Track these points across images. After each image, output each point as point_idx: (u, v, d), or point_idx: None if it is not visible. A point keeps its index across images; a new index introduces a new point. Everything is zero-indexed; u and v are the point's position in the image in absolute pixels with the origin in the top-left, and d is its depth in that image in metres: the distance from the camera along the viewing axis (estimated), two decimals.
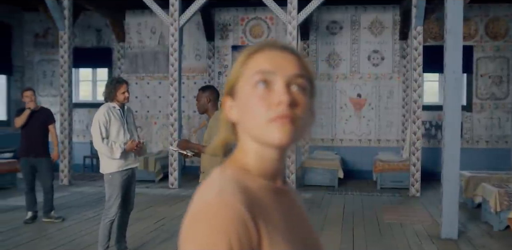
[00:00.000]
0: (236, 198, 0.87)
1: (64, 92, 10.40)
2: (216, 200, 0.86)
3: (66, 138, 10.36)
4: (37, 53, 13.01)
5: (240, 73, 0.98)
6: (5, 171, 9.77)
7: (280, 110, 0.92)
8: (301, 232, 1.01)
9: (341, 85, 11.83)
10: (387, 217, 7.45)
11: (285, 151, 0.99)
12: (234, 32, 12.22)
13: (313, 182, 10.38)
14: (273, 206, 0.94)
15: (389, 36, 11.66)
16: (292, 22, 9.39)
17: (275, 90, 0.94)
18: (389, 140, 11.67)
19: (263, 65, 0.96)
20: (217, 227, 0.82)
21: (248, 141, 0.99)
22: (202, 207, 0.86)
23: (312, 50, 11.96)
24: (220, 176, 0.95)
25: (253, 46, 1.01)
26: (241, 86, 0.98)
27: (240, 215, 0.84)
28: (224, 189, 0.89)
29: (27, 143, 6.82)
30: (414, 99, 9.33)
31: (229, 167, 0.99)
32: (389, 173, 10.07)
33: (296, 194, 1.13)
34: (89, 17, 12.60)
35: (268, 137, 0.93)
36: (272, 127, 0.92)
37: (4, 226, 6.71)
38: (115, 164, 4.82)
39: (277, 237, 0.89)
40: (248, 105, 0.95)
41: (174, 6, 9.62)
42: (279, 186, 1.01)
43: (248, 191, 0.91)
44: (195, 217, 0.86)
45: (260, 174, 0.98)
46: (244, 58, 0.99)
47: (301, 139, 0.98)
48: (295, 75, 0.96)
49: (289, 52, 0.99)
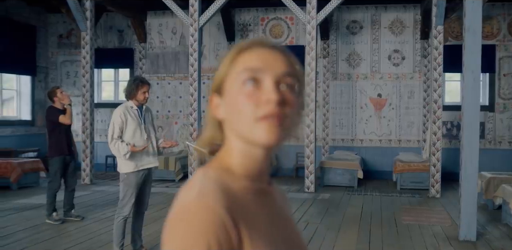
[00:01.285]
0: (216, 200, 0.85)
1: (86, 93, 10.55)
2: (195, 202, 0.85)
3: (88, 138, 10.50)
4: (60, 54, 13.22)
5: (229, 70, 0.96)
6: (29, 170, 9.94)
7: (268, 109, 0.90)
8: (284, 233, 1.00)
9: (361, 85, 11.77)
10: (405, 218, 7.39)
11: (271, 150, 0.98)
12: (254, 32, 12.24)
13: (332, 182, 10.35)
14: (255, 208, 0.93)
15: (410, 35, 11.56)
16: (311, 22, 9.38)
17: (264, 88, 0.92)
18: (410, 140, 11.57)
19: (252, 63, 0.94)
20: (196, 230, 0.82)
21: (234, 140, 0.97)
22: (181, 210, 0.86)
23: (332, 50, 11.93)
24: (201, 177, 0.94)
25: (242, 43, 0.99)
26: (229, 84, 0.95)
27: (220, 217, 0.83)
28: (204, 190, 0.88)
29: (61, 141, 6.88)
30: (434, 99, 9.24)
31: (212, 167, 0.97)
32: (409, 174, 9.98)
33: (282, 195, 1.12)
34: (111, 18, 12.77)
35: (255, 136, 0.92)
36: (260, 126, 0.91)
37: (26, 224, 6.84)
38: (131, 164, 4.87)
39: (258, 239, 0.88)
40: (236, 103, 0.93)
41: (194, 7, 9.67)
42: (263, 186, 1.00)
43: (229, 192, 0.90)
44: (175, 220, 0.85)
45: (244, 174, 0.96)
46: (233, 55, 0.97)
47: (288, 139, 0.97)
48: (284, 73, 0.94)
49: (278, 51, 0.97)
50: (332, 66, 11.94)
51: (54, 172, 6.89)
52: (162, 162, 10.38)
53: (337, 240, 6.16)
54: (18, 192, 9.42)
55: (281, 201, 1.08)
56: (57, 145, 6.89)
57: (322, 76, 11.90)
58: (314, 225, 6.89)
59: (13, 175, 9.55)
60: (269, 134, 0.91)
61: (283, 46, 1.00)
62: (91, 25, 10.55)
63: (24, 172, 9.74)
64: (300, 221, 7.16)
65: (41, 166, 10.12)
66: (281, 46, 1.00)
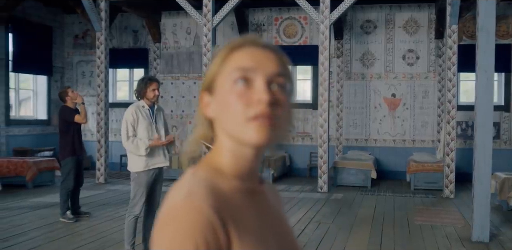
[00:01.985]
0: (203, 200, 0.85)
1: (100, 92, 10.64)
2: (183, 203, 0.85)
3: (103, 137, 10.59)
4: (76, 54, 13.34)
5: (220, 69, 0.95)
6: (44, 169, 10.05)
7: (259, 109, 0.90)
8: (276, 233, 0.99)
9: (375, 85, 11.72)
10: (418, 219, 7.35)
11: (262, 150, 0.97)
12: (268, 32, 12.25)
13: (345, 182, 10.33)
14: (245, 208, 0.93)
15: (424, 35, 11.48)
16: (324, 22, 9.36)
17: (255, 88, 0.91)
18: (424, 141, 11.50)
19: (244, 62, 0.93)
20: (184, 231, 0.82)
21: (224, 139, 0.96)
22: (170, 210, 0.86)
23: (346, 49, 11.89)
24: (191, 177, 0.93)
25: (234, 42, 0.98)
26: (220, 83, 0.95)
27: (208, 218, 0.83)
28: (193, 191, 0.88)
29: (74, 141, 6.95)
30: (448, 99, 9.17)
31: (202, 166, 0.97)
32: (423, 174, 9.92)
33: (275, 194, 1.12)
34: (126, 18, 12.86)
35: (245, 136, 0.91)
36: (251, 126, 0.90)
37: (41, 222, 6.93)
38: (142, 163, 4.90)
39: (248, 239, 0.88)
40: (226, 102, 0.92)
41: (207, 7, 9.71)
42: (254, 186, 0.99)
43: (218, 192, 0.90)
44: (163, 220, 0.86)
45: (234, 173, 0.96)
46: (225, 54, 0.96)
47: (279, 139, 0.96)
48: (276, 73, 0.93)
49: (270, 50, 0.97)
50: (346, 66, 11.90)
51: (67, 172, 6.94)
52: (176, 161, 10.43)
53: (348, 240, 6.15)
54: (34, 190, 9.53)
55: (274, 200, 1.08)
56: (71, 145, 6.93)
57: (336, 76, 11.87)
58: (326, 225, 6.88)
59: (29, 173, 9.66)
60: (260, 134, 0.90)
61: (275, 46, 0.99)
62: (106, 26, 10.64)
63: (39, 170, 9.85)
64: (312, 221, 7.15)
65: (56, 165, 10.23)
66: (273, 45, 0.99)
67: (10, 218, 7.18)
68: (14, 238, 6.01)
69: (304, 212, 7.80)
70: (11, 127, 11.69)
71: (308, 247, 5.82)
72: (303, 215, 7.53)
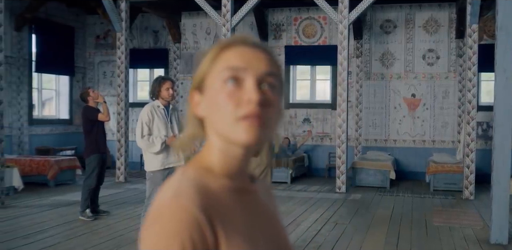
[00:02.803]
0: (191, 200, 0.85)
1: (120, 92, 10.76)
2: (170, 202, 0.85)
3: (123, 136, 10.71)
4: (97, 55, 13.51)
5: (210, 68, 0.95)
6: (66, 168, 10.20)
7: (249, 109, 0.89)
8: (267, 232, 0.99)
9: (395, 85, 11.64)
10: (436, 220, 7.28)
11: (251, 150, 0.97)
12: (287, 32, 12.25)
13: (364, 182, 10.28)
14: (234, 207, 0.93)
15: (444, 34, 11.37)
16: (343, 22, 9.34)
17: (245, 88, 0.91)
18: (444, 141, 11.39)
19: (234, 62, 0.93)
20: (170, 230, 0.82)
21: (214, 138, 0.96)
22: (157, 209, 0.86)
23: (366, 49, 11.84)
24: (179, 177, 0.93)
25: (224, 41, 0.97)
26: (210, 82, 0.94)
27: (194, 217, 0.83)
28: (180, 190, 0.87)
29: (99, 140, 7.06)
30: (468, 99, 9.07)
31: (192, 166, 0.97)
32: (442, 175, 9.83)
33: (268, 193, 1.11)
34: (146, 19, 12.98)
35: (234, 136, 0.91)
36: (240, 125, 0.90)
37: (60, 220, 7.04)
38: (157, 162, 4.95)
39: (236, 238, 0.88)
40: (216, 101, 0.92)
41: (226, 7, 9.74)
42: (244, 185, 0.99)
43: (207, 191, 0.89)
44: (150, 220, 0.86)
45: (224, 172, 0.96)
46: (215, 53, 0.96)
47: (268, 138, 0.96)
48: (266, 73, 0.93)
49: (260, 50, 0.96)
50: (365, 66, 11.85)
51: (91, 170, 7.03)
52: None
53: (364, 241, 6.13)
54: (55, 188, 9.69)
55: (267, 199, 1.07)
56: (95, 143, 7.04)
57: (355, 76, 11.82)
58: (343, 226, 6.87)
59: (50, 172, 9.81)
60: (249, 133, 0.90)
61: (265, 45, 0.99)
62: (126, 26, 10.75)
63: (61, 169, 10.00)
64: (328, 221, 7.14)
65: (77, 163, 10.37)
66: (264, 44, 0.99)
67: (31, 215, 7.31)
68: (34, 235, 6.12)
69: (321, 212, 7.79)
70: (34, 126, 11.88)
71: (323, 247, 5.82)
72: (320, 216, 7.53)
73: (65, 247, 5.68)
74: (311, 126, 12.12)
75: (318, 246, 5.84)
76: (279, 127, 0.99)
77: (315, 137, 12.05)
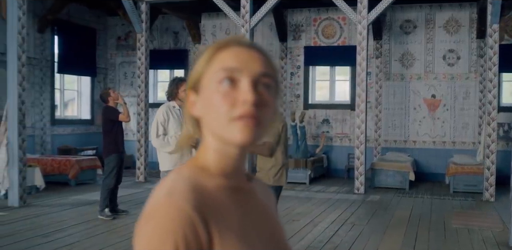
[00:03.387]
0: (184, 198, 0.86)
1: (141, 93, 10.86)
2: (164, 201, 0.86)
3: (143, 137, 10.81)
4: (119, 56, 13.65)
5: (205, 69, 0.96)
6: (86, 167, 10.34)
7: (244, 109, 0.90)
8: (263, 232, 0.99)
9: (414, 86, 11.56)
10: (455, 222, 7.22)
11: (247, 149, 0.98)
12: (306, 32, 12.24)
13: (383, 184, 10.22)
14: (229, 206, 0.93)
15: (465, 34, 11.25)
16: (362, 22, 9.31)
17: (241, 88, 0.92)
18: (465, 142, 11.27)
19: (229, 62, 0.93)
20: (163, 228, 0.82)
21: (209, 138, 0.97)
22: (151, 208, 0.87)
23: (385, 50, 11.77)
24: (174, 176, 0.94)
25: (219, 41, 0.98)
26: (206, 82, 0.95)
27: (188, 216, 0.84)
28: (174, 189, 0.88)
29: (118, 140, 7.15)
30: (489, 100, 8.96)
31: (188, 165, 0.98)
32: (462, 176, 9.73)
33: (266, 193, 1.11)
34: (167, 20, 13.08)
35: (229, 136, 0.92)
36: (235, 126, 0.91)
37: (80, 219, 7.15)
38: (171, 162, 4.99)
39: (230, 237, 0.88)
40: (212, 102, 0.93)
41: (245, 8, 9.78)
42: (240, 184, 1.00)
43: (201, 190, 0.90)
44: (144, 218, 0.86)
45: (220, 172, 0.97)
46: (210, 54, 0.96)
47: (262, 138, 0.97)
48: (262, 74, 0.94)
49: (255, 50, 0.97)
50: (385, 67, 11.78)
51: (110, 170, 7.11)
52: None
53: (381, 242, 6.10)
54: (76, 188, 9.82)
55: (265, 199, 1.08)
56: (115, 143, 7.12)
57: (375, 76, 11.76)
58: (360, 227, 6.85)
59: (72, 171, 9.96)
60: (244, 134, 0.91)
61: (260, 45, 1.00)
62: (147, 27, 10.85)
63: (82, 169, 10.14)
64: (346, 222, 7.13)
65: (98, 163, 10.50)
66: (259, 45, 1.00)
67: (52, 214, 7.43)
68: (54, 234, 6.23)
69: (339, 213, 7.77)
70: (56, 126, 12.07)
71: (340, 248, 5.82)
72: (338, 216, 7.52)
73: (84, 245, 5.77)
74: (330, 127, 12.10)
75: (334, 247, 5.84)
76: (271, 126, 0.98)
77: (334, 138, 12.02)
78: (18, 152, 7.88)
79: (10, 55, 7.97)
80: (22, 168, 7.99)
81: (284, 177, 4.85)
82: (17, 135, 7.87)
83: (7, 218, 7.07)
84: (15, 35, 7.91)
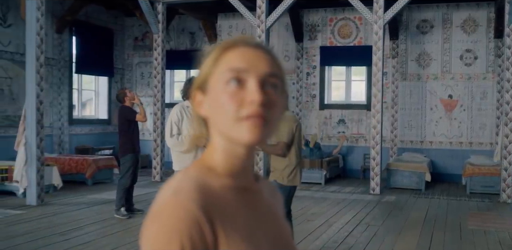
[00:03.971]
0: (190, 198, 0.86)
1: (157, 93, 10.94)
2: (170, 200, 0.87)
3: (159, 136, 10.88)
4: (136, 56, 13.76)
5: (212, 69, 0.96)
6: (103, 167, 10.44)
7: (252, 109, 0.91)
8: (269, 232, 0.99)
9: (431, 86, 11.48)
10: (471, 223, 7.16)
11: (254, 149, 0.99)
12: (322, 32, 12.23)
13: (399, 184, 10.17)
14: (235, 206, 0.93)
15: (483, 34, 11.15)
16: (378, 22, 9.27)
17: (248, 88, 0.92)
18: (482, 143, 11.17)
19: (236, 63, 0.94)
20: (169, 228, 0.83)
21: (217, 137, 0.98)
22: (157, 207, 0.88)
23: (402, 50, 11.71)
24: (181, 175, 0.95)
25: (226, 42, 0.98)
26: (213, 83, 0.96)
27: (193, 215, 0.84)
28: (180, 189, 0.89)
29: (134, 140, 7.22)
30: (506, 101, 8.87)
31: (195, 165, 0.99)
32: (479, 177, 9.65)
33: (272, 192, 1.12)
34: (183, 20, 13.15)
35: (237, 135, 0.92)
36: (243, 125, 0.91)
37: (96, 217, 7.23)
38: (185, 162, 5.02)
39: (236, 237, 0.88)
40: (219, 102, 0.93)
41: (261, 8, 9.80)
42: (247, 184, 1.00)
43: (207, 190, 0.90)
44: (151, 217, 0.87)
45: (227, 172, 0.97)
46: (217, 54, 0.97)
47: (269, 137, 0.97)
48: (269, 74, 0.94)
49: (262, 50, 0.97)
50: (401, 67, 11.72)
51: (126, 169, 7.17)
52: None
53: (396, 243, 6.08)
54: (93, 187, 9.92)
55: (272, 199, 1.08)
56: (131, 143, 7.18)
57: (391, 76, 11.71)
58: (375, 227, 6.83)
59: (88, 171, 10.07)
60: (252, 133, 0.91)
61: (267, 45, 1.01)
62: (163, 28, 10.92)
63: (98, 168, 10.24)
64: (361, 223, 7.11)
65: (114, 163, 10.59)
66: (266, 45, 1.01)
67: (69, 213, 7.52)
68: (70, 232, 6.30)
69: (353, 213, 7.76)
70: (74, 126, 12.20)
71: (354, 249, 5.81)
72: (352, 217, 7.50)
73: (100, 244, 5.83)
74: (346, 127, 12.07)
75: (349, 248, 5.83)
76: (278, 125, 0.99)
77: (349, 138, 11.99)
78: (36, 151, 7.98)
79: (28, 56, 8.07)
80: (40, 167, 8.08)
81: (298, 177, 4.85)
82: (35, 134, 7.96)
83: (25, 217, 7.17)
84: (33, 36, 8.01)
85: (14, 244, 5.75)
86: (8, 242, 5.81)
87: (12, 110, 10.22)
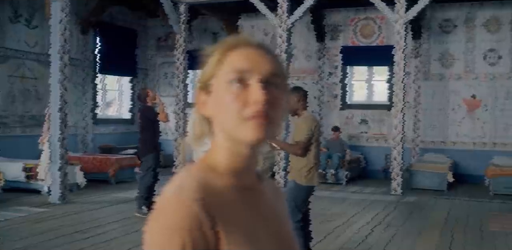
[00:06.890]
0: (193, 196, 0.87)
1: (179, 93, 11.04)
2: (172, 199, 0.88)
3: (181, 136, 10.97)
4: (159, 56, 13.89)
5: (216, 70, 0.97)
6: (127, 166, 10.56)
7: (255, 109, 0.92)
8: (271, 231, 0.99)
9: (454, 86, 11.36)
10: (492, 225, 7.08)
11: (257, 148, 0.99)
12: (344, 32, 12.19)
13: (421, 185, 10.08)
14: (237, 204, 0.94)
15: (507, 33, 10.99)
16: (399, 21, 9.22)
17: (251, 88, 0.93)
18: (506, 144, 11.00)
19: (240, 64, 0.95)
20: (170, 226, 0.84)
21: (221, 137, 0.98)
22: (159, 206, 0.89)
23: (424, 49, 11.61)
24: (184, 174, 0.95)
25: (228, 42, 0.99)
26: (216, 83, 0.97)
27: (195, 213, 0.85)
28: (182, 187, 0.90)
29: (155, 139, 7.30)
30: None
31: (197, 164, 1.00)
32: (503, 178, 9.51)
33: (276, 192, 1.13)
34: (205, 21, 13.22)
35: (241, 135, 0.93)
36: (247, 125, 0.92)
37: (118, 216, 7.32)
38: None
39: (237, 236, 0.89)
40: (223, 102, 0.94)
41: (282, 8, 9.82)
42: (250, 183, 1.01)
43: (209, 189, 0.91)
44: (153, 215, 0.88)
45: (229, 171, 0.97)
46: (220, 55, 0.97)
47: (273, 136, 0.99)
48: (271, 74, 0.96)
49: (264, 50, 0.98)
50: (423, 67, 11.62)
51: (147, 168, 7.24)
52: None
53: (415, 244, 6.05)
54: (116, 186, 10.05)
55: (275, 198, 1.09)
56: (152, 142, 7.26)
57: (414, 76, 11.60)
58: (394, 228, 6.80)
59: (111, 170, 10.20)
60: (256, 132, 0.92)
61: (269, 45, 1.02)
62: (185, 28, 11.02)
63: (121, 167, 10.36)
64: (381, 223, 7.08)
65: (137, 162, 10.68)
66: (267, 45, 1.02)
67: (91, 211, 7.64)
68: (92, 230, 6.40)
69: (374, 214, 7.73)
70: (98, 125, 12.37)
71: (374, 249, 5.79)
72: (373, 217, 7.47)
73: (121, 242, 5.91)
74: (368, 127, 12.01)
75: (368, 248, 5.82)
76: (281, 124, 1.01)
77: (370, 138, 11.93)
78: (59, 150, 8.11)
79: (53, 56, 8.20)
80: (63, 166, 8.20)
81: (316, 177, 4.86)
82: (58, 133, 8.09)
83: (48, 215, 7.30)
84: (58, 36, 8.14)
85: (37, 241, 5.86)
86: (31, 239, 5.93)
87: (37, 110, 10.41)
